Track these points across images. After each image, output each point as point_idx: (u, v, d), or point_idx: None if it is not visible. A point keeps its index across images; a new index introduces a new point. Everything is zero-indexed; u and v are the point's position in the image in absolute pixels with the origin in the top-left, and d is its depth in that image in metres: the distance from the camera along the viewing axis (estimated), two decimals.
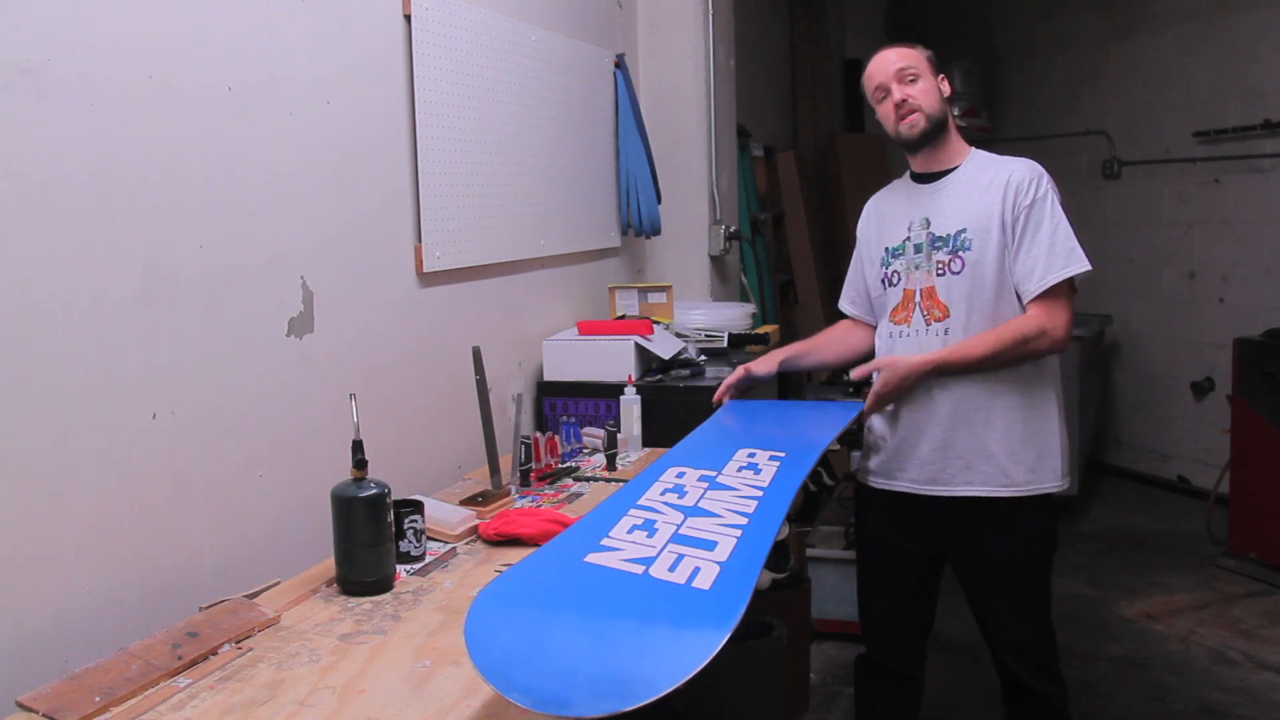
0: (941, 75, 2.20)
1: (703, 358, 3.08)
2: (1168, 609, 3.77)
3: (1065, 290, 2.09)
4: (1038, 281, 2.07)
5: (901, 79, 2.14)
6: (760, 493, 1.79)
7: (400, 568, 1.79)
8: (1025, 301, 2.11)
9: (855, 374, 2.19)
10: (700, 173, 3.80)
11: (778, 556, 2.58)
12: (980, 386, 2.12)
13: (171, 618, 1.60)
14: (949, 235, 2.14)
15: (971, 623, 2.33)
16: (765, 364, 2.37)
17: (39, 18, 1.48)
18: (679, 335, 3.26)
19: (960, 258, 2.12)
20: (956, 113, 6.44)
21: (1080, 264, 2.07)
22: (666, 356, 2.96)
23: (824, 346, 2.47)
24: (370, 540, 1.68)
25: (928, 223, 2.17)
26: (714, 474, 1.91)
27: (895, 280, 2.21)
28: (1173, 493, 5.17)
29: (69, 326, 1.53)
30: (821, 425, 2.30)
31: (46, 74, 1.48)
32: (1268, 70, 4.65)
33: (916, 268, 2.18)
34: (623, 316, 3.30)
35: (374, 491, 1.68)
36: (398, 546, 1.78)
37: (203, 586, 1.76)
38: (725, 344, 3.35)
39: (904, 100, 2.14)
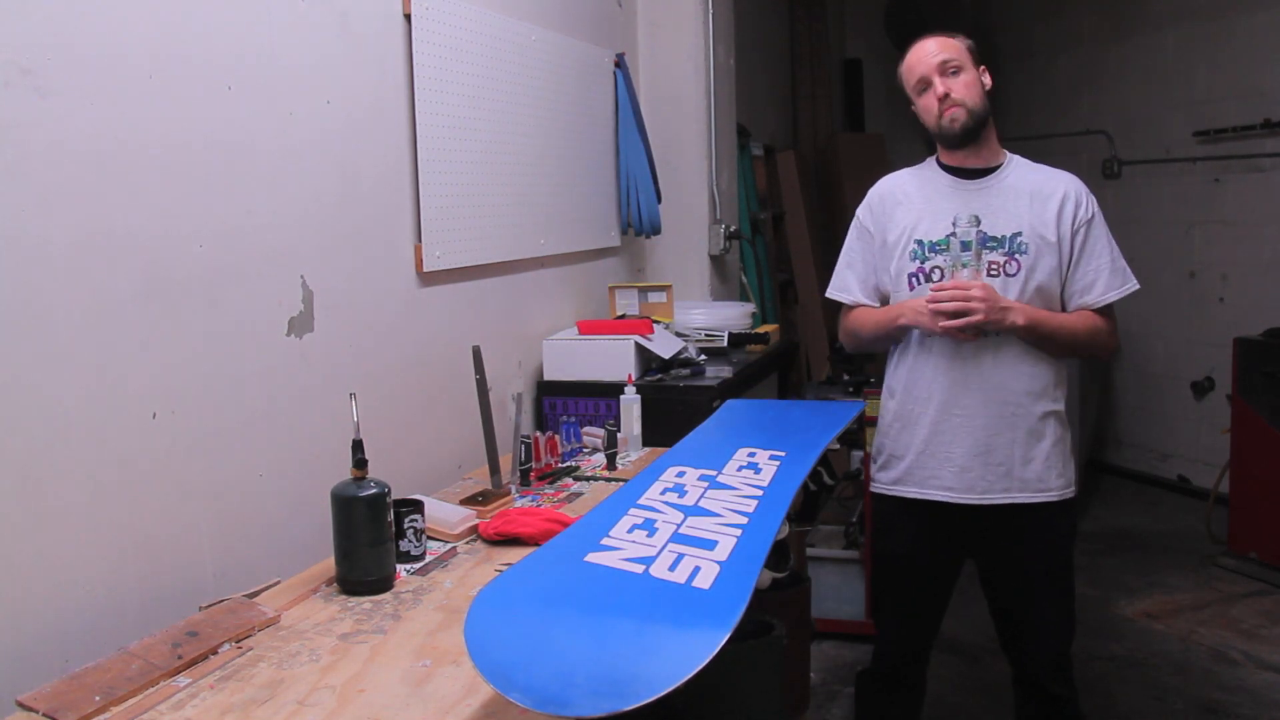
0: (983, 66, 2.15)
1: (703, 357, 3.08)
2: (1168, 609, 3.76)
3: (1113, 307, 2.15)
4: (1098, 296, 2.11)
5: (944, 71, 2.09)
6: (760, 492, 1.79)
7: (400, 567, 1.79)
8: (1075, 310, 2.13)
9: (943, 329, 2.04)
10: (700, 173, 3.80)
11: (778, 556, 2.57)
12: (1016, 391, 2.10)
13: (171, 617, 1.60)
14: (1004, 237, 2.09)
15: (973, 622, 2.33)
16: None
17: (39, 18, 1.48)
18: (679, 335, 3.26)
19: (1017, 260, 2.08)
20: None
21: (1134, 282, 2.15)
22: (666, 356, 2.96)
23: None
24: (370, 540, 1.68)
25: (978, 220, 2.10)
26: (714, 473, 1.91)
27: (938, 277, 2.12)
28: (1173, 493, 5.16)
29: (69, 326, 1.53)
30: (821, 425, 2.30)
31: (46, 74, 1.48)
32: (1268, 70, 4.65)
33: (963, 265, 2.10)
34: (623, 316, 3.30)
35: (374, 491, 1.68)
36: (398, 546, 1.78)
37: (203, 586, 1.76)
38: (725, 343, 3.35)
39: (946, 94, 2.08)
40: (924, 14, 6.14)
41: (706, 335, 3.36)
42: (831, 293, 2.34)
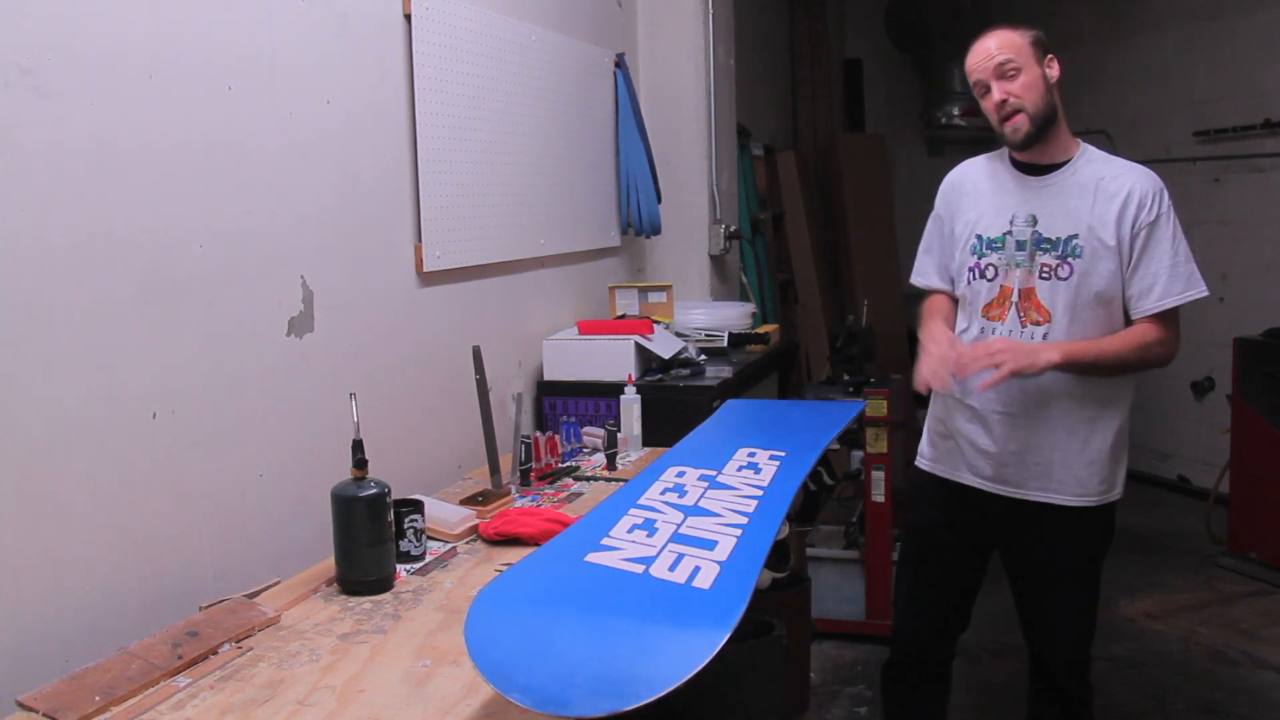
0: (1049, 58, 2.07)
1: (703, 357, 3.08)
2: (1168, 609, 3.76)
3: (1177, 312, 2.06)
4: (1155, 301, 2.02)
5: (1001, 75, 2.02)
6: (760, 492, 1.79)
7: (400, 567, 1.79)
8: (1136, 317, 2.05)
9: (980, 386, 2.00)
10: (700, 173, 3.80)
11: (778, 556, 2.58)
12: (1061, 394, 2.06)
13: (171, 617, 1.60)
14: (1059, 239, 2.03)
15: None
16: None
17: (39, 18, 1.48)
18: (679, 335, 3.26)
19: (1069, 264, 2.02)
20: (957, 113, 6.44)
21: (1199, 288, 2.04)
22: (666, 356, 2.96)
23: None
24: (370, 540, 1.68)
25: (1034, 220, 2.05)
26: (714, 473, 1.91)
27: (991, 275, 2.09)
28: (1173, 493, 5.16)
29: (69, 326, 1.53)
30: (821, 425, 2.31)
31: (46, 73, 1.48)
32: (1268, 70, 4.65)
33: (1017, 265, 2.06)
34: (623, 316, 3.30)
35: (374, 491, 1.68)
36: (398, 546, 1.78)
37: (203, 586, 1.76)
38: (725, 344, 3.35)
39: (1004, 100, 2.02)
40: (924, 14, 6.15)
41: (706, 335, 3.36)
42: (913, 278, 2.33)
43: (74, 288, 1.54)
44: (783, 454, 2.02)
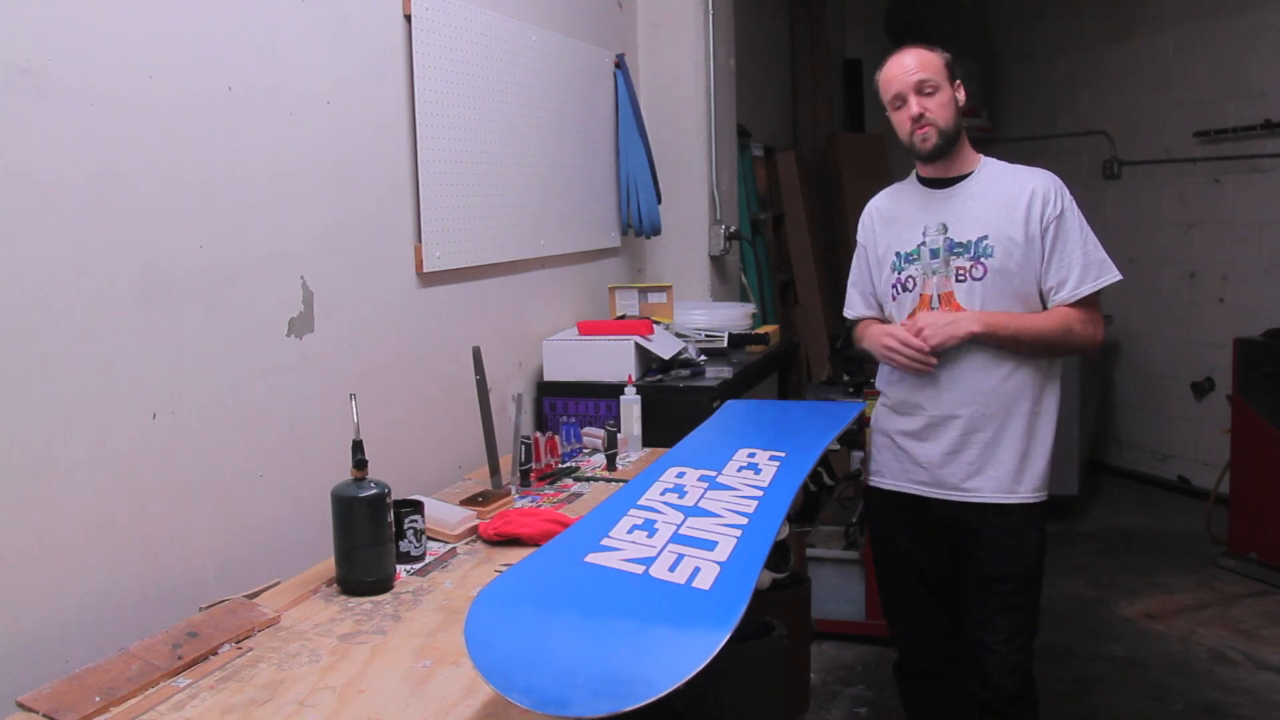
0: (958, 82, 2.17)
1: (703, 358, 3.08)
2: (1168, 609, 3.76)
3: (1096, 299, 2.14)
4: (1071, 291, 2.10)
5: (920, 91, 2.11)
6: (760, 493, 1.79)
7: (400, 568, 1.79)
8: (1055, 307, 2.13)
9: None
10: (700, 173, 3.79)
11: (778, 556, 2.57)
12: (985, 393, 2.12)
13: (171, 618, 1.60)
14: (970, 241, 2.12)
15: None
16: None
17: (39, 18, 1.48)
18: (679, 335, 3.26)
19: (982, 264, 2.10)
20: None
21: (1112, 274, 2.12)
22: (666, 356, 2.96)
23: None
24: (370, 540, 1.68)
25: (945, 228, 2.14)
26: (714, 474, 1.91)
27: (911, 285, 2.18)
28: (1173, 493, 5.17)
29: (69, 326, 1.53)
30: (821, 425, 2.31)
31: (46, 74, 1.48)
32: (1268, 70, 4.65)
33: (933, 273, 2.15)
34: (623, 316, 3.30)
35: (374, 491, 1.68)
36: (398, 546, 1.78)
37: (203, 586, 1.76)
38: (725, 344, 3.35)
39: (920, 114, 2.11)
40: (924, 14, 6.15)
41: (707, 336, 3.36)
42: (845, 312, 2.45)
43: (74, 288, 1.54)
44: (783, 454, 2.02)
